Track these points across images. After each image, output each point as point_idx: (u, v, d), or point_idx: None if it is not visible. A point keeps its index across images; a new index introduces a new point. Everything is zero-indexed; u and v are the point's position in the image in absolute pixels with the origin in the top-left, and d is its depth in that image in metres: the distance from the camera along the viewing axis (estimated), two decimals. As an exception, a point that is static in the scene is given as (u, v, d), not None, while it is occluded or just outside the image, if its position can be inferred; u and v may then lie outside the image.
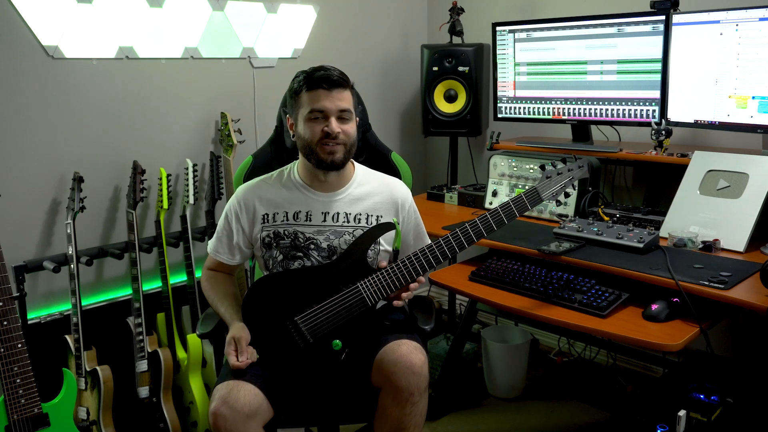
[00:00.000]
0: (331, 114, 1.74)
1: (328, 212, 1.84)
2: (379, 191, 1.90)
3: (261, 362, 1.71)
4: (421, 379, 1.63)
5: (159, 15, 2.51)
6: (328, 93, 1.73)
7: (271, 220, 1.84)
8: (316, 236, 1.82)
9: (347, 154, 1.80)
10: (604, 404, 2.72)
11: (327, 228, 1.83)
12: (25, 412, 1.91)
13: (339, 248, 1.81)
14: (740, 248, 1.97)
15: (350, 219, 1.84)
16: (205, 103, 2.70)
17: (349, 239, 1.82)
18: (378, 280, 1.71)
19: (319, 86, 1.74)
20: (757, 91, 2.11)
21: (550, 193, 1.85)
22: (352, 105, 1.79)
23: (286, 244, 1.82)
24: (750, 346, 2.53)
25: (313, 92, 1.74)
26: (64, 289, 2.32)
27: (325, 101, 1.73)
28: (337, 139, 1.75)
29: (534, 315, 1.86)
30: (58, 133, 2.33)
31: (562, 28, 2.63)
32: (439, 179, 3.52)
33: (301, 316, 1.70)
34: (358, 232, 1.83)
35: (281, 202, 1.85)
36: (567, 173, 1.89)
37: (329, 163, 1.78)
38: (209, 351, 2.50)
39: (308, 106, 1.75)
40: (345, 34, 3.16)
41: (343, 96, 1.76)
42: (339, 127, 1.75)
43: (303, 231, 1.82)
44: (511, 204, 1.79)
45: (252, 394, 1.62)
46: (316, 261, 1.81)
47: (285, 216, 1.84)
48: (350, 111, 1.77)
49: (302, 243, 1.82)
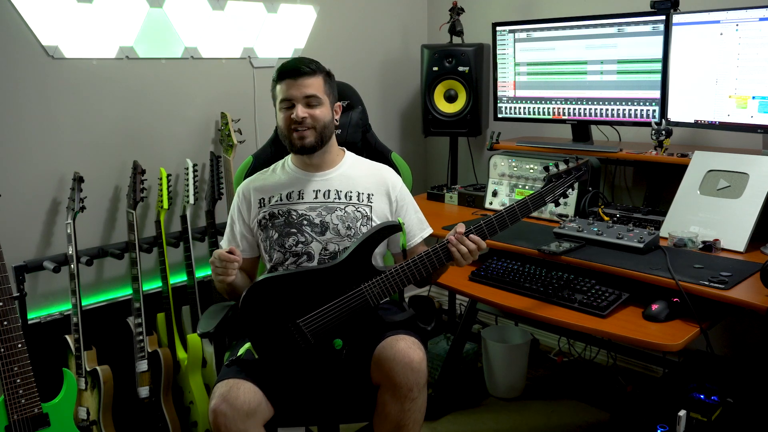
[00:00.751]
0: (297, 101, 1.82)
1: (320, 189, 1.91)
2: (370, 173, 1.97)
3: (262, 362, 1.71)
4: (420, 375, 1.63)
5: (159, 15, 2.51)
6: (294, 82, 1.82)
7: (267, 203, 1.91)
8: (309, 212, 1.88)
9: (319, 138, 1.86)
10: (604, 404, 2.72)
11: (319, 204, 1.89)
12: (25, 412, 1.91)
13: (331, 223, 1.87)
14: (740, 248, 1.96)
15: (341, 196, 1.90)
16: (205, 103, 2.70)
17: (341, 215, 1.87)
18: (382, 282, 1.71)
19: (286, 77, 1.84)
20: (757, 91, 2.11)
21: (553, 196, 1.87)
22: (321, 90, 1.85)
23: (280, 222, 1.89)
24: (750, 346, 2.52)
25: (282, 83, 1.84)
26: (64, 289, 2.32)
27: (291, 90, 1.82)
28: (304, 124, 1.83)
29: (534, 315, 1.86)
30: (58, 133, 2.33)
31: (562, 28, 2.63)
32: (439, 179, 3.52)
33: (304, 319, 1.69)
34: (349, 208, 1.88)
35: (276, 187, 1.94)
36: (569, 177, 1.89)
37: (300, 148, 1.86)
38: (209, 351, 2.50)
39: (280, 95, 1.86)
40: (345, 34, 3.16)
41: (309, 83, 1.83)
42: (305, 112, 1.82)
43: (296, 208, 1.89)
44: (515, 208, 1.79)
45: (252, 393, 1.62)
46: (310, 236, 1.86)
47: (279, 197, 1.92)
48: (317, 96, 1.84)
49: (295, 219, 1.88)
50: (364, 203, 1.90)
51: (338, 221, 1.87)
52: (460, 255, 1.72)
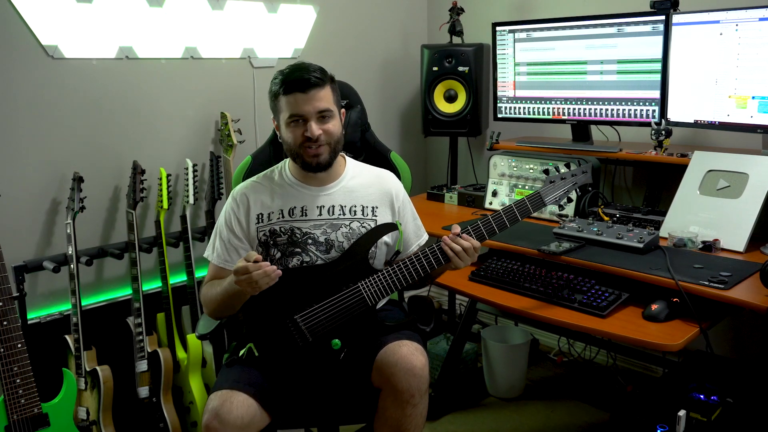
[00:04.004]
0: (310, 117, 1.72)
1: (323, 206, 1.84)
2: (372, 183, 1.90)
3: (261, 361, 1.71)
4: (421, 381, 1.63)
5: (159, 15, 2.51)
6: (305, 96, 1.71)
7: (265, 220, 1.83)
8: (313, 231, 1.81)
9: (333, 153, 1.79)
10: (604, 404, 2.72)
11: (323, 222, 1.83)
12: (25, 412, 1.91)
13: (336, 241, 1.81)
14: (740, 248, 1.96)
15: (345, 211, 1.84)
16: (205, 103, 2.70)
17: (346, 231, 1.82)
18: (379, 280, 1.71)
19: (294, 90, 1.71)
20: (757, 91, 2.11)
21: (554, 197, 1.86)
22: (332, 102, 1.76)
23: (283, 241, 1.81)
24: (750, 346, 2.52)
25: (290, 96, 1.72)
26: (64, 289, 2.32)
27: (303, 105, 1.71)
28: (319, 141, 1.74)
29: (534, 315, 1.86)
30: (58, 133, 2.33)
31: (562, 28, 2.63)
32: (439, 179, 3.52)
33: (301, 314, 1.69)
34: (354, 224, 1.83)
35: (275, 201, 1.84)
36: (570, 178, 1.89)
37: (315, 166, 1.78)
38: (209, 351, 2.50)
39: (287, 111, 1.74)
40: (345, 34, 3.16)
41: (320, 96, 1.72)
42: (319, 128, 1.73)
43: (299, 226, 1.82)
44: (513, 208, 1.79)
45: (245, 406, 1.60)
46: (315, 256, 1.80)
47: (280, 214, 1.83)
48: (330, 110, 1.74)
49: (299, 238, 1.81)
50: (368, 217, 1.85)
51: (343, 238, 1.81)
52: (454, 254, 1.70)
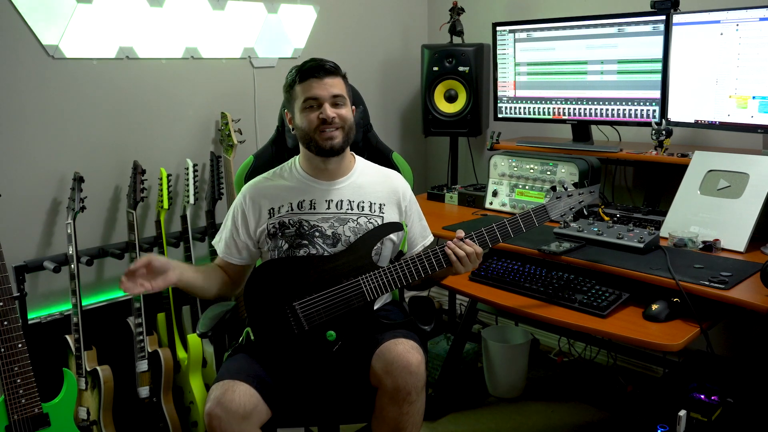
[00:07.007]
0: (324, 100, 1.78)
1: (332, 200, 1.86)
2: (380, 181, 1.93)
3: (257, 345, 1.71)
4: (418, 379, 1.62)
5: (159, 15, 2.51)
6: (320, 81, 1.78)
7: (276, 213, 1.86)
8: (321, 224, 1.84)
9: (346, 138, 1.83)
10: (604, 404, 2.72)
11: (331, 215, 1.85)
12: (26, 412, 1.91)
13: (343, 235, 1.83)
14: (740, 248, 1.97)
15: (354, 206, 1.86)
16: (205, 103, 2.70)
17: (353, 226, 1.83)
18: (379, 276, 1.72)
19: (310, 76, 1.79)
20: (758, 91, 2.11)
21: (559, 213, 1.87)
22: (345, 91, 1.82)
23: (291, 233, 1.83)
24: (750, 346, 2.52)
25: (306, 83, 1.79)
26: (64, 289, 2.31)
27: (317, 89, 1.78)
28: (334, 124, 1.78)
29: (534, 315, 1.87)
30: (58, 133, 2.33)
31: (562, 28, 2.63)
32: (440, 179, 3.52)
33: (300, 302, 1.71)
34: (362, 219, 1.85)
35: (285, 195, 1.87)
36: (578, 196, 1.90)
37: (329, 149, 1.81)
38: (209, 351, 2.50)
39: (302, 96, 1.80)
40: (345, 34, 3.16)
41: (334, 82, 1.80)
42: (334, 111, 1.78)
43: (307, 219, 1.84)
44: (519, 220, 1.80)
45: (247, 395, 1.61)
46: (321, 248, 1.82)
47: (290, 206, 1.86)
48: (343, 96, 1.81)
49: (307, 231, 1.83)
50: (376, 214, 1.87)
51: (350, 233, 1.82)
52: (457, 258, 1.72)
